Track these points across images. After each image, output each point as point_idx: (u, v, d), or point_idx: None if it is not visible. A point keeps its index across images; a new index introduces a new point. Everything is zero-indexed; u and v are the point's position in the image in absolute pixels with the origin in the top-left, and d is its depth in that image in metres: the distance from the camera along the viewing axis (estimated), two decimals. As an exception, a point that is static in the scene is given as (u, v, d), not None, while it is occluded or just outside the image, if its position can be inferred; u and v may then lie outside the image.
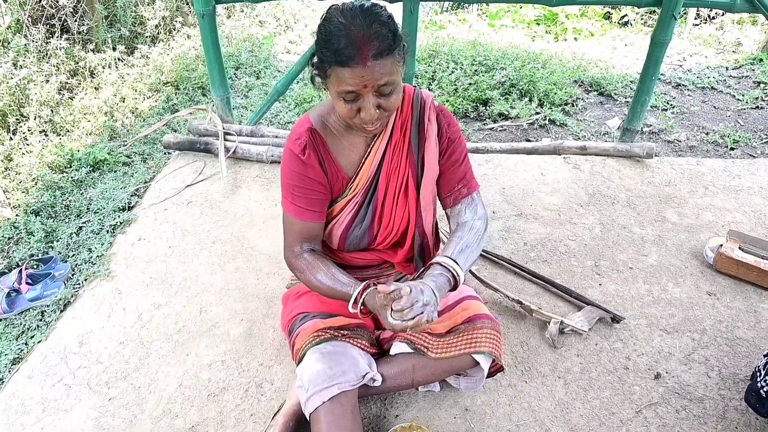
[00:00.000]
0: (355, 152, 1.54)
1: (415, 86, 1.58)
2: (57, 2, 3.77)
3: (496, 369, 1.66)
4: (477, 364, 1.57)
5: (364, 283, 1.42)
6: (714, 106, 3.88)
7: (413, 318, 1.26)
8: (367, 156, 1.53)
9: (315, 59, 1.33)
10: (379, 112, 1.32)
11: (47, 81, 3.46)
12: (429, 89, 3.86)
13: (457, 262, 1.45)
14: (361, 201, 1.57)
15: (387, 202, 1.57)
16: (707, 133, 3.51)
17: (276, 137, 3.09)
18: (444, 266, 1.44)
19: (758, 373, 1.67)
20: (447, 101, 3.67)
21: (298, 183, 1.50)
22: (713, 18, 5.52)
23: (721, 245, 2.30)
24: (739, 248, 2.28)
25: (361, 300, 1.40)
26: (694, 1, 2.87)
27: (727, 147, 3.36)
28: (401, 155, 1.54)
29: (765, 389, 1.61)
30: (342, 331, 1.57)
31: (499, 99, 3.74)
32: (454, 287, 1.45)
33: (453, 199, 1.60)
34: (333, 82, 1.29)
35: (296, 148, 1.48)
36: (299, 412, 1.61)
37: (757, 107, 3.83)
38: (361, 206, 1.58)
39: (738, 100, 3.94)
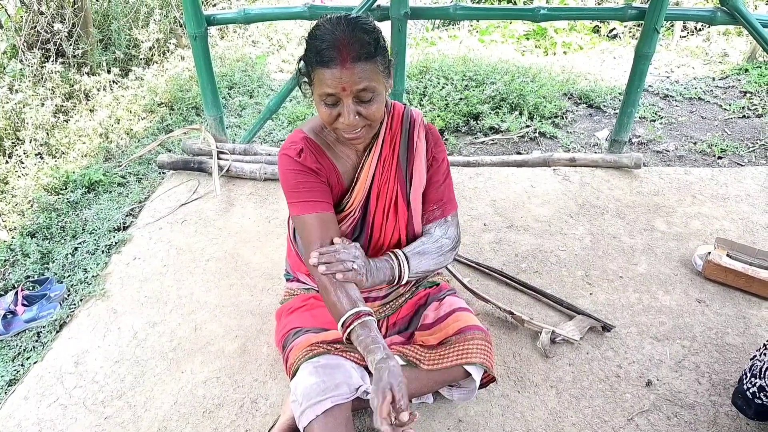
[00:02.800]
0: (349, 163, 1.58)
1: (405, 104, 1.62)
2: (52, 27, 3.83)
3: (488, 379, 1.67)
4: (469, 375, 1.58)
5: (356, 311, 1.39)
6: (701, 116, 3.93)
7: (334, 261, 1.40)
8: (361, 171, 1.56)
9: (302, 63, 1.39)
10: (359, 119, 1.36)
11: (42, 104, 3.50)
12: (420, 105, 3.91)
13: (407, 259, 1.53)
14: (359, 217, 1.60)
15: (377, 218, 1.60)
16: (695, 143, 3.56)
17: (269, 155, 3.12)
18: (394, 255, 1.52)
19: (744, 376, 1.69)
20: (438, 116, 3.72)
21: (301, 179, 1.50)
22: (700, 30, 5.61)
23: (710, 253, 2.33)
24: (727, 255, 2.31)
25: (349, 329, 1.39)
26: (675, 15, 2.93)
27: (714, 156, 3.41)
28: (390, 170, 1.58)
29: (751, 391, 1.63)
30: (335, 345, 1.59)
31: (490, 113, 3.79)
32: (393, 281, 1.53)
33: (426, 218, 1.64)
34: (315, 85, 1.35)
35: (292, 152, 1.50)
36: (294, 427, 1.62)
37: (744, 116, 3.88)
38: (357, 223, 1.61)
39: (725, 109, 3.99)
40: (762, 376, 1.62)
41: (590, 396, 1.85)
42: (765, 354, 1.64)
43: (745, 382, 1.68)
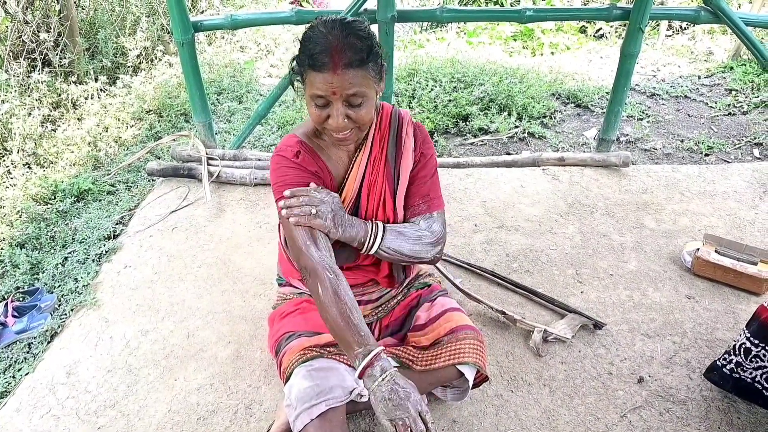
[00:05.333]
0: (341, 165, 1.59)
1: (393, 104, 1.63)
2: (38, 37, 3.81)
3: (481, 379, 1.68)
4: (462, 375, 1.59)
5: (376, 351, 1.31)
6: (688, 114, 3.97)
7: (303, 205, 1.42)
8: (350, 171, 1.57)
9: (294, 64, 1.40)
10: (348, 122, 1.38)
11: (30, 114, 3.48)
12: (409, 107, 3.92)
13: (384, 230, 1.51)
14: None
15: (368, 216, 1.60)
16: (682, 141, 3.59)
17: (259, 160, 3.12)
18: (372, 221, 1.52)
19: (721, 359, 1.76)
20: (427, 118, 3.73)
21: (294, 176, 1.49)
22: (685, 29, 5.66)
23: (698, 249, 2.35)
24: (716, 251, 2.33)
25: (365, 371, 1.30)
26: (659, 14, 2.96)
27: (701, 153, 3.44)
28: (379, 169, 1.58)
29: (728, 368, 1.73)
30: (328, 348, 1.59)
31: (479, 114, 3.81)
32: (363, 244, 1.50)
33: (411, 212, 1.61)
34: (307, 86, 1.37)
35: (288, 153, 1.50)
36: (289, 431, 1.62)
37: (730, 114, 3.92)
38: None
39: (711, 107, 4.03)
40: (737, 353, 1.70)
41: (583, 394, 1.86)
42: (740, 335, 1.72)
43: (718, 359, 1.75)
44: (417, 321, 1.71)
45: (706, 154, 3.43)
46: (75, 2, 4.18)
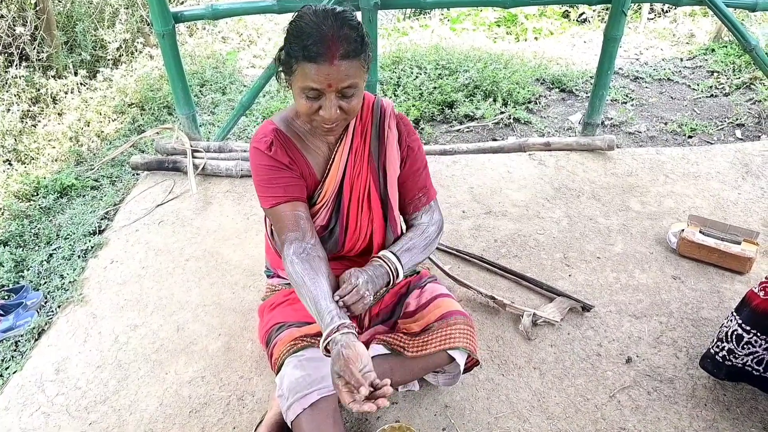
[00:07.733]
0: (321, 155, 1.57)
1: (375, 95, 1.62)
2: (14, 31, 3.74)
3: (472, 363, 1.69)
4: (453, 360, 1.60)
5: (336, 324, 1.33)
6: (671, 97, 4.00)
7: (357, 300, 1.38)
8: (332, 162, 1.56)
9: (282, 54, 1.37)
10: (339, 113, 1.36)
11: (8, 110, 3.42)
12: (394, 95, 3.90)
13: (399, 259, 1.53)
14: (332, 209, 1.60)
15: (352, 209, 1.60)
16: (666, 123, 3.62)
17: (244, 152, 3.10)
18: (384, 260, 1.52)
19: (712, 342, 1.77)
20: (413, 106, 3.72)
21: (273, 174, 1.50)
22: (667, 11, 5.69)
23: (683, 230, 2.38)
24: (700, 232, 2.36)
25: (328, 341, 1.33)
26: (642, -3, 2.97)
27: (685, 135, 3.47)
28: (362, 161, 1.58)
29: (720, 354, 1.73)
30: (319, 338, 1.59)
31: (464, 101, 3.81)
32: (390, 283, 1.53)
33: (413, 207, 1.66)
34: (298, 78, 1.32)
35: (262, 145, 1.50)
36: (281, 422, 1.62)
37: (712, 95, 3.96)
38: (331, 214, 1.61)
39: (693, 89, 4.06)
40: (729, 339, 1.70)
41: (573, 375, 1.88)
42: (731, 321, 1.72)
43: (711, 346, 1.75)
44: (407, 308, 1.72)
45: (690, 136, 3.46)
46: (51, -6, 4.10)
